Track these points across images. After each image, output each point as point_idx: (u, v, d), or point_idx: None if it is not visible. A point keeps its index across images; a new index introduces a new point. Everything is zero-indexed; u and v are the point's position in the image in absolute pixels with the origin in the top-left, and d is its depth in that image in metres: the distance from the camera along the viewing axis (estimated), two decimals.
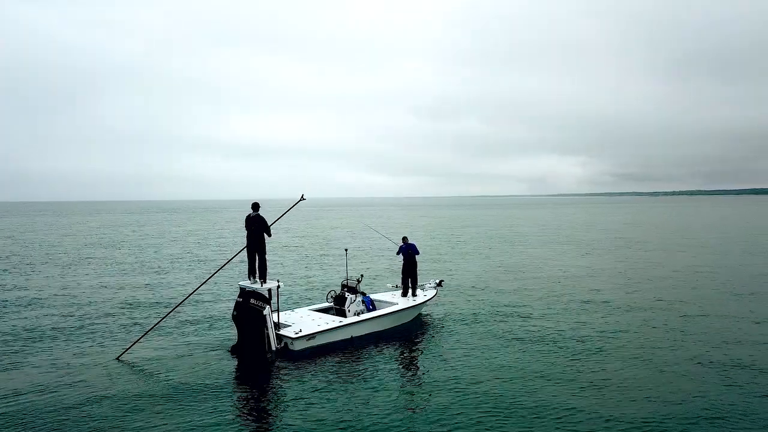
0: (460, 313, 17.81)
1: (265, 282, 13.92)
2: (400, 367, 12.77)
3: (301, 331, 13.53)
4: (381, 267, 28.58)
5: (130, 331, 15.47)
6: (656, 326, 16.03)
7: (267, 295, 13.42)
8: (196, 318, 17.08)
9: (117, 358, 13.01)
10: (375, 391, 10.98)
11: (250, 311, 13.31)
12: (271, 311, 13.43)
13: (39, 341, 14.64)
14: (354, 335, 14.68)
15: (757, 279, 24.48)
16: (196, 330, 15.67)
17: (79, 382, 11.47)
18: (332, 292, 16.35)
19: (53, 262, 31.05)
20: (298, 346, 13.35)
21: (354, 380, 11.63)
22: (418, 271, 17.86)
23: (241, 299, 13.52)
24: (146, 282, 24.15)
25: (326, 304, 16.37)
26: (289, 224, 71.52)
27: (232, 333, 15.00)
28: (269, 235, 13.96)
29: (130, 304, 19.25)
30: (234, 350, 13.54)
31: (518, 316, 17.39)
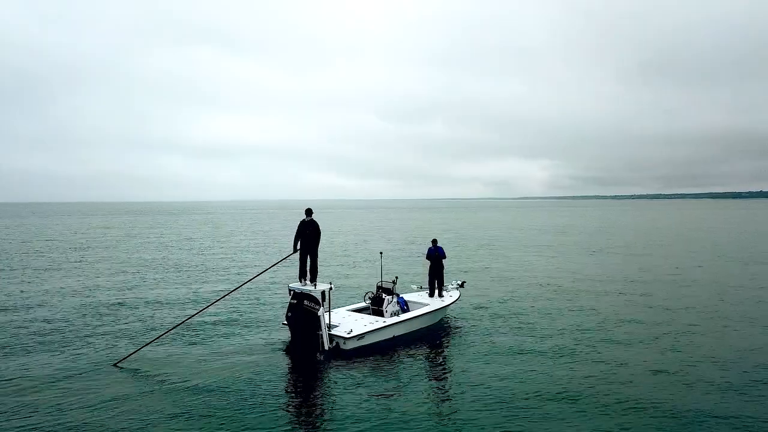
0: (479, 313, 18.74)
1: (316, 284, 14.55)
2: (439, 365, 13.60)
3: (352, 331, 14.20)
4: (404, 269, 29.39)
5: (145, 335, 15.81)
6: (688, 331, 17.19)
7: (321, 297, 14.06)
8: (232, 319, 17.53)
9: (115, 363, 13.17)
10: (422, 387, 11.84)
11: (304, 313, 13.92)
12: (324, 312, 14.08)
13: (53, 345, 14.73)
14: (395, 335, 15.44)
15: (742, 281, 26.13)
16: (238, 330, 16.16)
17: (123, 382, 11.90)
18: (369, 294, 17.07)
19: (40, 265, 30.76)
20: (349, 345, 14.03)
21: (403, 377, 12.39)
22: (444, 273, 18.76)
23: (294, 301, 14.12)
24: (161, 286, 24.33)
25: (363, 305, 17.08)
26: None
27: (272, 334, 15.64)
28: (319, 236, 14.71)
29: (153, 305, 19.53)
30: (289, 351, 14.14)
31: (534, 315, 18.41)
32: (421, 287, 19.50)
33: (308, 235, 14.50)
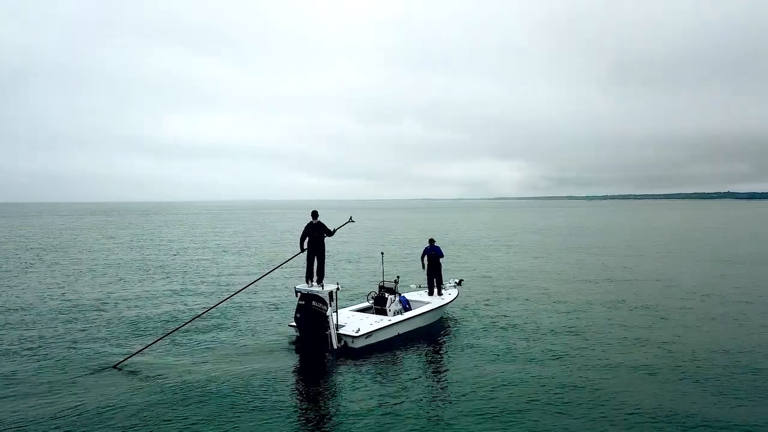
0: (477, 311, 19.16)
1: (324, 285, 14.78)
2: (442, 361, 13.88)
3: (359, 330, 14.47)
4: (400, 268, 29.64)
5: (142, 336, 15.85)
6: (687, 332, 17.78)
7: (328, 297, 14.30)
8: (237, 320, 17.61)
9: (114, 366, 13.13)
10: (427, 382, 12.23)
11: (313, 314, 14.15)
12: (332, 312, 14.33)
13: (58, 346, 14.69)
14: (400, 332, 15.75)
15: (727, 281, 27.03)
16: (244, 331, 16.23)
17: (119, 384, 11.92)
18: (372, 293, 17.36)
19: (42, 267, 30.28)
20: (358, 344, 14.29)
21: (409, 373, 12.76)
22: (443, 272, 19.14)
23: (303, 302, 14.33)
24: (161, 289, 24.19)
25: (365, 305, 17.35)
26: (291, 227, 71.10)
27: (279, 334, 15.82)
28: (330, 234, 15.01)
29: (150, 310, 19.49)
30: (298, 351, 14.35)
31: (527, 315, 18.89)
32: (419, 286, 19.83)
33: (315, 236, 14.74)
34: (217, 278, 27.34)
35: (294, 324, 14.96)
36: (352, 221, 16.46)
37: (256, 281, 17.68)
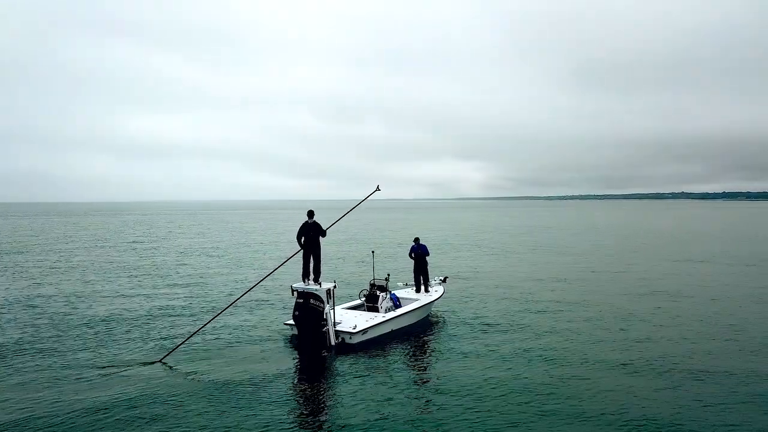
0: (461, 308, 19.80)
1: (321, 284, 15.13)
2: (432, 356, 14.36)
3: (356, 326, 14.88)
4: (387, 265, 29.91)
5: (173, 336, 15.96)
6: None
7: (326, 295, 14.65)
8: (235, 320, 17.74)
9: (160, 361, 13.55)
10: (421, 375, 12.80)
11: (311, 311, 14.48)
12: (329, 310, 14.69)
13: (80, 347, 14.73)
14: (393, 329, 16.22)
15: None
16: (244, 330, 16.44)
17: (130, 384, 12.05)
18: (364, 291, 17.78)
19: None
20: (355, 340, 14.72)
21: (404, 367, 13.32)
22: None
23: (301, 300, 14.64)
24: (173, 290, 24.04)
25: (356, 302, 17.77)
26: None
27: (278, 333, 16.08)
28: (324, 235, 15.32)
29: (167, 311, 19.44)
30: (298, 348, 14.67)
31: (510, 313, 19.58)
32: (406, 284, 20.33)
33: (311, 236, 15.07)
34: (208, 283, 27.29)
35: (291, 322, 15.28)
36: (379, 189, 16.53)
37: (258, 283, 17.82)
